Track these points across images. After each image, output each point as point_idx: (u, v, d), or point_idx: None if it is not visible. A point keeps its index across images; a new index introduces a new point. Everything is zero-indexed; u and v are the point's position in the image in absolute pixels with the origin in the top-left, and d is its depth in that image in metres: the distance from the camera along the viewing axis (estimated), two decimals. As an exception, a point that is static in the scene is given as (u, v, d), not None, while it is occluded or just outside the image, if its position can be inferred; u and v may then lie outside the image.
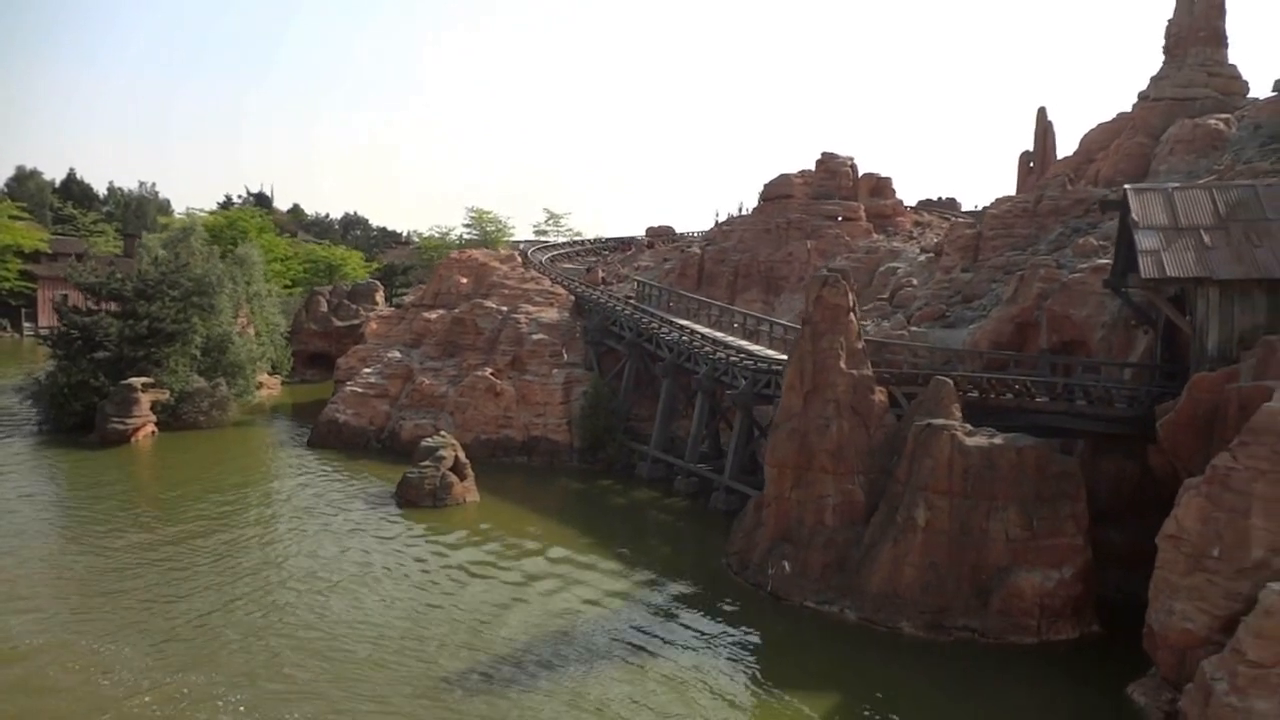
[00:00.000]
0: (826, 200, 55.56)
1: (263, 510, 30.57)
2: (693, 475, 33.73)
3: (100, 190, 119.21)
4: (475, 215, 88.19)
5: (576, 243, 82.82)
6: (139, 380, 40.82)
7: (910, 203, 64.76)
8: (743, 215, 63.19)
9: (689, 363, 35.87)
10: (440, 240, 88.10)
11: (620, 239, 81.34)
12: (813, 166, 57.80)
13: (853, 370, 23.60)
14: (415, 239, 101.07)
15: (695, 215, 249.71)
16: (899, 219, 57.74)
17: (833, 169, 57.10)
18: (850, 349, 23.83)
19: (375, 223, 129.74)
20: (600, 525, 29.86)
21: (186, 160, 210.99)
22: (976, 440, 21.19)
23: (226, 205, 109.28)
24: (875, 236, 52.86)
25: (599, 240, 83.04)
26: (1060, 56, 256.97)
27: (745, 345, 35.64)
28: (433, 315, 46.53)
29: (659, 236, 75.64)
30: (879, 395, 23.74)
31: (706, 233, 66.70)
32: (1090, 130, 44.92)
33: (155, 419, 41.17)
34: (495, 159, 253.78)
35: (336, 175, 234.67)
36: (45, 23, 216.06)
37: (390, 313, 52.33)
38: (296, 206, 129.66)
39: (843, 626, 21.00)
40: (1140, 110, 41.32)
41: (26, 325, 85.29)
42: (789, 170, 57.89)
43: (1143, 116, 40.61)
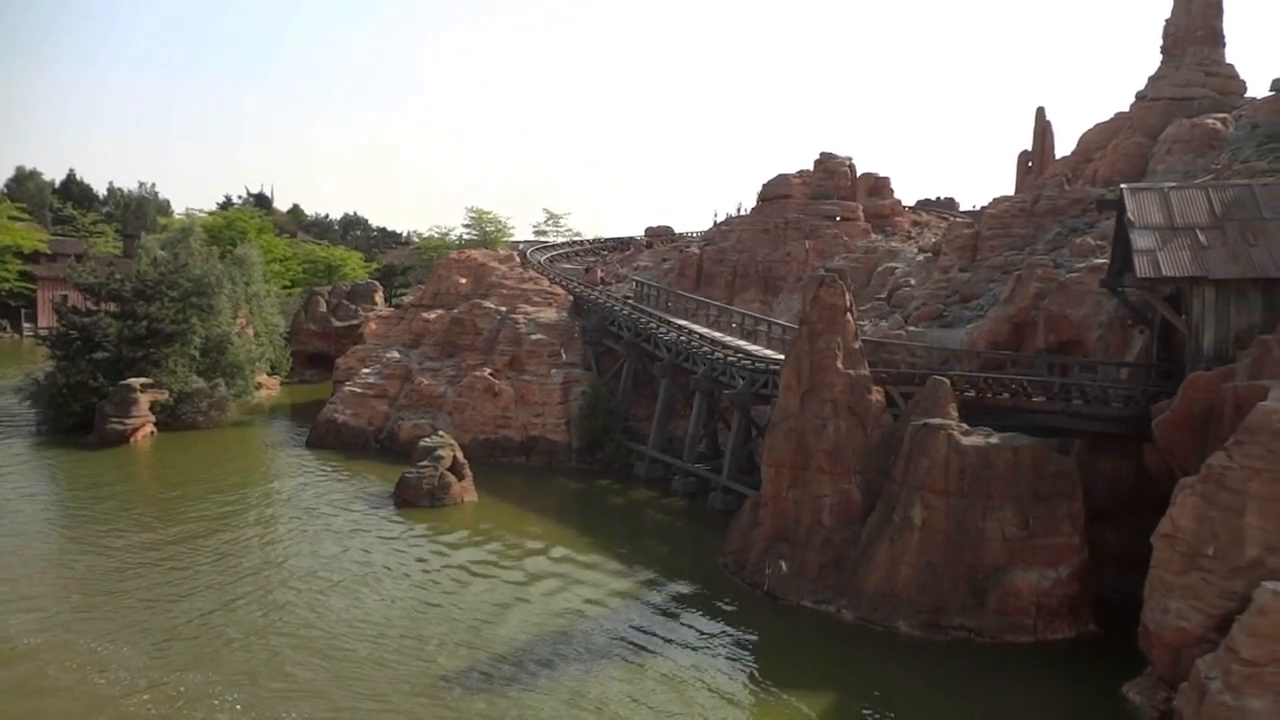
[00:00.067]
0: (825, 200, 55.54)
1: (263, 510, 30.65)
2: (690, 475, 33.81)
3: (100, 191, 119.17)
4: (475, 215, 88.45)
5: (575, 243, 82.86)
6: (138, 381, 40.91)
7: (908, 202, 64.73)
8: (741, 215, 63.20)
9: (687, 363, 35.94)
10: (440, 240, 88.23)
11: (619, 239, 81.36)
12: (811, 166, 57.79)
13: (850, 370, 23.67)
14: (415, 239, 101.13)
15: (694, 215, 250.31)
16: (897, 219, 57.72)
17: (831, 169, 57.08)
18: (847, 349, 23.89)
19: (375, 223, 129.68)
20: (598, 525, 29.94)
21: (186, 160, 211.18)
22: (973, 440, 21.25)
23: (226, 206, 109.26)
24: (873, 236, 52.85)
25: (598, 240, 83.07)
26: (1058, 57, 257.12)
27: (743, 345, 35.70)
28: (431, 315, 46.61)
29: (658, 237, 75.58)
30: (876, 395, 23.82)
31: (705, 233, 66.65)
32: (1088, 130, 44.92)
33: (154, 419, 41.24)
34: (495, 159, 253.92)
35: (336, 175, 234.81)
36: (45, 23, 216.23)
37: (389, 313, 52.44)
38: (296, 207, 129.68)
39: (839, 626, 21.08)
40: (1138, 110, 41.40)
41: (26, 326, 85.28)
42: (787, 170, 57.90)
43: (1140, 116, 40.68)
